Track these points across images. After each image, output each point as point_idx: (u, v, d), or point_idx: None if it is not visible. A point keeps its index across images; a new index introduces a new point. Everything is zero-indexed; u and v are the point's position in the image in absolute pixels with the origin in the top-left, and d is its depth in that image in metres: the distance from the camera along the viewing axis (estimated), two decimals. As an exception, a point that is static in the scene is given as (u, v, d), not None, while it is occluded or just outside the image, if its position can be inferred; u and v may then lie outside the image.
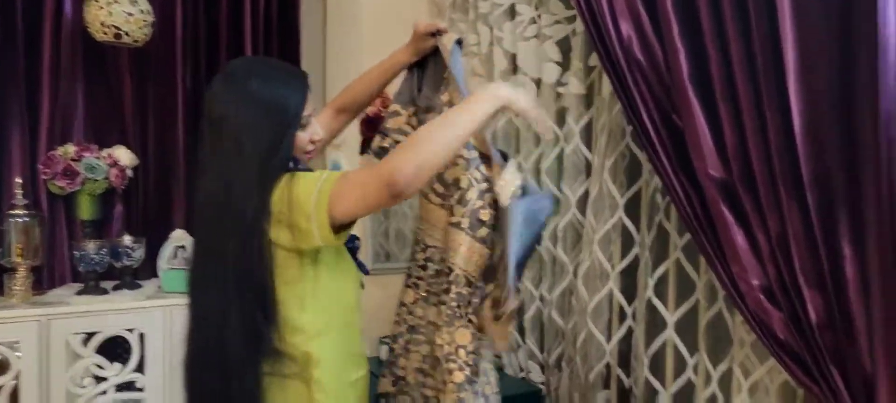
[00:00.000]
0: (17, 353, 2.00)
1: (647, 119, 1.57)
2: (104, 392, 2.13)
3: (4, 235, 2.22)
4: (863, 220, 1.26)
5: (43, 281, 2.43)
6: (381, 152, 1.62)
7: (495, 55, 2.31)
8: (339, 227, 1.19)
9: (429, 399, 1.49)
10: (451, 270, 1.38)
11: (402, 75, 1.64)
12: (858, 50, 1.23)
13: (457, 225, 1.39)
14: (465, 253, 1.37)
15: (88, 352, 2.09)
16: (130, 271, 2.42)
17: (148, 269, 2.59)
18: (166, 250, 2.54)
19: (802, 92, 1.29)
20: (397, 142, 1.55)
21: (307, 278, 1.25)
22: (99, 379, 2.13)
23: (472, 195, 1.39)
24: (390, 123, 1.63)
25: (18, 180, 2.29)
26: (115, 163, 2.45)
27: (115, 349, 2.25)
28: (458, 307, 1.37)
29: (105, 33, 2.30)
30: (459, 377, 1.33)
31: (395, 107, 1.63)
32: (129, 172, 2.53)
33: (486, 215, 1.39)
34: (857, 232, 1.27)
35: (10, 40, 2.41)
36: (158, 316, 2.20)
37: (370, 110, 2.56)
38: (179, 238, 2.55)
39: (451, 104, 1.47)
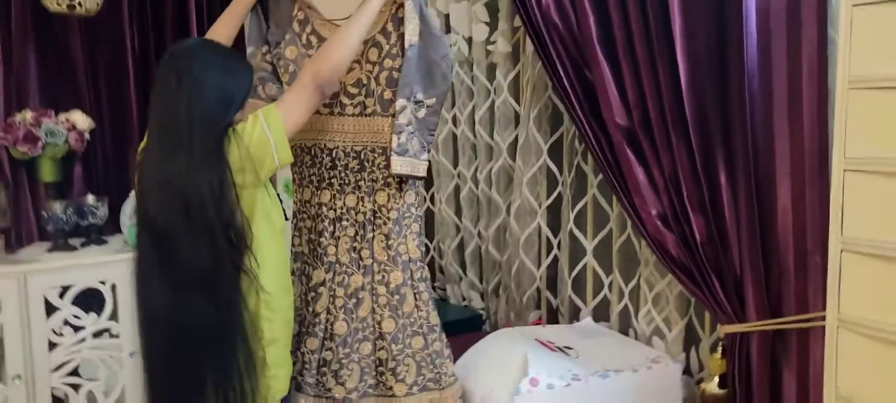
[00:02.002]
0: (-2, 308, 2.14)
1: (563, 74, 1.82)
2: (83, 340, 2.29)
3: (-28, 201, 2.32)
4: (734, 156, 1.55)
5: (11, 242, 2.54)
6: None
7: (431, 16, 2.52)
8: None
9: (368, 266, 1.74)
10: (383, 150, 1.70)
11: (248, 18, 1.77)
12: (729, 19, 1.51)
13: (373, 113, 1.71)
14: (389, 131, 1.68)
15: (65, 304, 2.24)
16: (96, 228, 2.56)
17: (111, 226, 2.72)
18: (128, 207, 2.67)
19: (687, 53, 1.56)
20: (260, 78, 1.76)
21: (256, 200, 1.46)
22: (76, 329, 2.28)
23: (372, 85, 1.69)
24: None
25: (-21, 147, 2.38)
26: (73, 127, 2.55)
27: (87, 300, 2.40)
28: (403, 183, 1.71)
29: (59, 4, 2.39)
30: (416, 228, 1.74)
31: (250, 49, 1.81)
32: (87, 135, 2.64)
33: (388, 94, 1.68)
34: (730, 166, 1.57)
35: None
36: (127, 268, 2.35)
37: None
38: (140, 195, 2.69)
39: (319, 37, 1.70)
